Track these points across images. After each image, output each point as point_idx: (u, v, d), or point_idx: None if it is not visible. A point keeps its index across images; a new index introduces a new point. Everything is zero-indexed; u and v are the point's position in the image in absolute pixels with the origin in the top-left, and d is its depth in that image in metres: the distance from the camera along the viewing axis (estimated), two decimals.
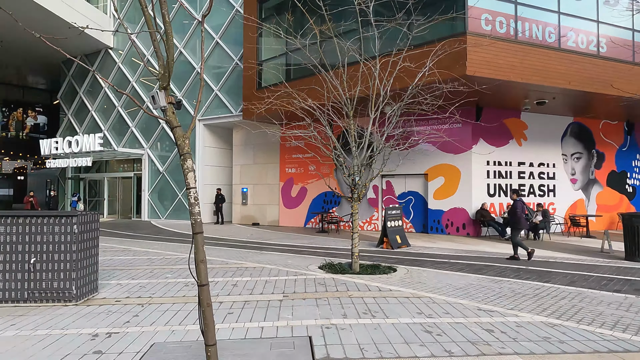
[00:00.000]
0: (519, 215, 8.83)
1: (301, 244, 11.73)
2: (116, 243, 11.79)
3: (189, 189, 3.31)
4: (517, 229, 8.95)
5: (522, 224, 9.01)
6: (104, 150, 19.57)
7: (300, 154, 17.03)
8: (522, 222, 9.03)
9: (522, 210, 8.86)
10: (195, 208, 3.28)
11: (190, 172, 3.29)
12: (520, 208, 8.81)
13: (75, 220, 5.34)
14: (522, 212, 8.89)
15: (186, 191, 3.34)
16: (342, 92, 7.83)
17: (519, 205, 8.85)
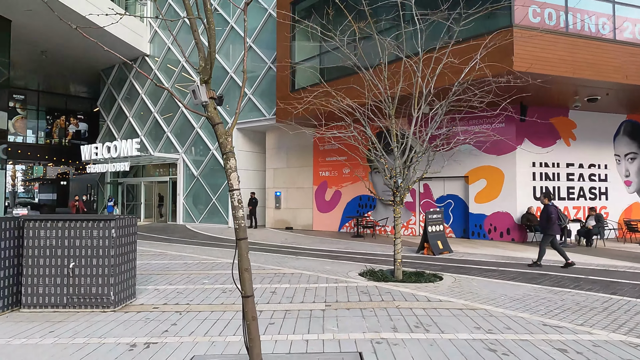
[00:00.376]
0: (553, 221, 8.32)
1: (337, 249, 11.38)
2: (152, 247, 11.82)
3: (232, 190, 3.04)
4: (549, 235, 8.43)
5: (554, 229, 8.46)
6: (141, 155, 19.95)
7: (334, 156, 16.72)
8: (555, 227, 8.48)
9: (556, 215, 8.41)
10: (239, 212, 3.00)
11: (233, 172, 3.03)
12: (554, 213, 8.36)
13: (113, 225, 5.22)
14: (556, 217, 8.44)
15: (229, 193, 3.07)
16: (383, 91, 7.45)
17: (553, 210, 8.38)
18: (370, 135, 7.74)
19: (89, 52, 22.78)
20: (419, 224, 14.79)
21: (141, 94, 23.11)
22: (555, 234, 8.51)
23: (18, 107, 31.05)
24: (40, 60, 24.40)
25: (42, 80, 29.96)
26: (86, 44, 21.72)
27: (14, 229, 5.23)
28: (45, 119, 32.92)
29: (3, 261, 5.09)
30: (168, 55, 21.98)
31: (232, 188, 3.03)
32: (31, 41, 20.88)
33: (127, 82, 24.11)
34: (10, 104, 30.41)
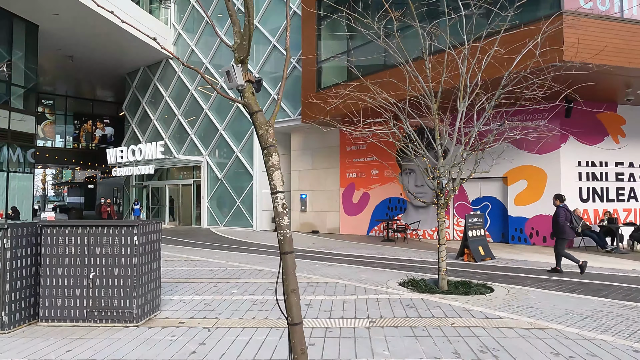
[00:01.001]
0: (562, 224, 7.85)
1: (369, 255, 10.76)
2: (177, 251, 11.46)
3: (275, 193, 2.49)
4: (563, 239, 7.93)
5: (566, 234, 7.95)
6: (165, 158, 19.80)
7: (362, 157, 16.10)
8: (567, 231, 7.95)
9: (564, 217, 7.89)
10: (284, 219, 2.45)
11: (276, 170, 2.48)
12: (562, 215, 7.88)
13: (135, 231, 4.76)
14: (565, 220, 7.91)
15: (272, 196, 2.52)
16: (425, 85, 6.81)
17: (561, 212, 7.90)
18: (411, 131, 7.08)
19: (114, 56, 22.88)
20: (453, 227, 14.01)
21: (165, 96, 23.04)
22: (568, 237, 7.97)
23: (47, 112, 31.63)
24: (67, 65, 24.68)
25: (69, 86, 30.43)
26: (111, 48, 21.79)
27: (31, 235, 4.84)
28: (73, 123, 33.46)
29: (20, 270, 4.70)
30: (192, 58, 21.82)
31: (276, 190, 2.48)
32: (58, 46, 21.05)
33: (151, 85, 24.11)
34: (39, 109, 31.02)
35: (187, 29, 22.20)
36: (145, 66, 24.44)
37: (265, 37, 18.53)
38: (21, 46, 18.16)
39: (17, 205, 17.38)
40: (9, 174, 17.27)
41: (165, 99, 23.09)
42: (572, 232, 8.05)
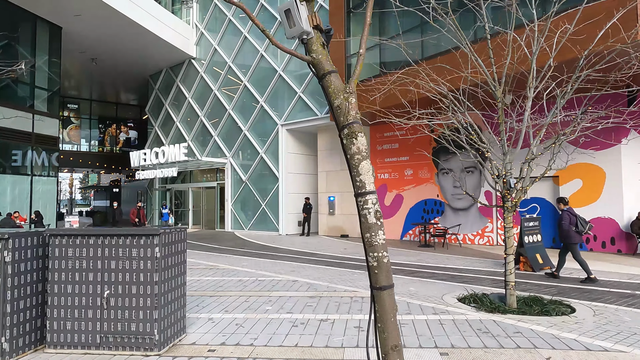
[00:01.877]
0: (566, 229, 7.50)
1: (409, 262, 9.81)
2: (202, 258, 10.77)
3: (363, 194, 1.71)
4: (572, 244, 7.52)
5: (572, 238, 7.53)
6: (188, 160, 19.29)
7: (394, 157, 15.15)
8: (572, 235, 7.52)
9: (568, 221, 7.52)
10: (377, 235, 1.69)
11: (363, 160, 1.68)
12: (567, 220, 7.52)
13: (157, 241, 4.00)
14: (570, 224, 7.52)
15: (358, 200, 1.68)
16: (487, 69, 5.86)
17: (565, 217, 7.56)
18: (470, 122, 6.13)
19: (137, 57, 22.60)
20: (497, 231, 12.90)
21: (188, 97, 22.61)
22: (575, 242, 7.54)
23: (72, 116, 31.79)
24: (91, 68, 24.58)
25: (94, 89, 30.48)
26: (134, 50, 21.49)
27: (37, 246, 4.14)
28: (97, 127, 33.57)
29: (24, 288, 4.00)
30: (214, 58, 21.31)
31: (365, 190, 1.72)
32: (82, 48, 20.87)
33: (174, 87, 23.74)
34: (64, 113, 31.19)
35: (209, 28, 21.71)
36: (168, 67, 24.11)
37: None
38: (45, 48, 17.96)
39: (41, 209, 17.12)
40: (32, 177, 17.03)
41: (188, 100, 22.66)
42: (578, 236, 7.57)
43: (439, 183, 13.97)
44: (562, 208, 7.74)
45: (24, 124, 16.65)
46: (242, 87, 19.67)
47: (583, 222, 7.55)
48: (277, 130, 18.09)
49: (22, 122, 16.59)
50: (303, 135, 18.69)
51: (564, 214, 7.60)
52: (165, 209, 21.04)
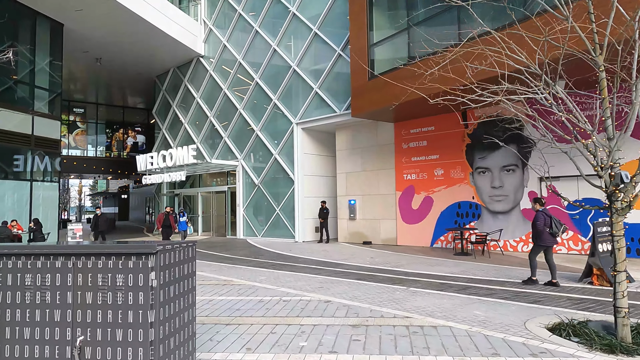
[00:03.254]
0: (540, 229, 7.27)
1: (452, 275, 8.45)
2: (214, 270, 9.50)
3: None
4: (538, 246, 7.38)
5: (544, 240, 7.29)
6: (197, 163, 18.11)
7: (422, 155, 13.79)
8: (544, 237, 7.28)
9: (542, 222, 7.27)
10: None
11: None
12: (540, 220, 7.29)
13: (153, 263, 2.72)
14: (545, 225, 7.26)
15: None
16: (587, 37, 4.51)
17: (540, 217, 7.33)
18: (566, 97, 4.79)
19: (143, 57, 21.58)
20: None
21: (196, 97, 21.50)
22: (546, 244, 7.31)
23: (78, 121, 30.93)
24: (95, 69, 23.64)
25: (100, 92, 29.60)
26: (140, 49, 20.46)
27: None
28: (104, 132, 32.68)
29: None
30: (224, 55, 20.19)
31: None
32: (85, 48, 19.88)
33: (181, 87, 22.66)
34: (70, 117, 30.33)
35: (218, 25, 20.61)
36: (175, 67, 23.06)
37: (304, 26, 16.60)
38: (45, 47, 16.97)
39: (41, 217, 16.03)
40: (32, 183, 15.97)
41: (196, 100, 21.54)
42: (551, 238, 7.31)
43: (475, 183, 12.58)
44: (537, 208, 7.51)
45: (22, 125, 15.61)
46: (253, 84, 18.49)
47: (558, 223, 7.27)
48: (292, 129, 16.85)
49: (21, 123, 15.55)
50: (320, 135, 17.43)
51: (539, 214, 7.37)
52: (183, 217, 17.25)
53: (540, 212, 7.43)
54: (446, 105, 13.18)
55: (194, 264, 3.35)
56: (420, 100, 12.14)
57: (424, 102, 12.28)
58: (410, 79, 11.92)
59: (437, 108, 13.05)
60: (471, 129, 12.70)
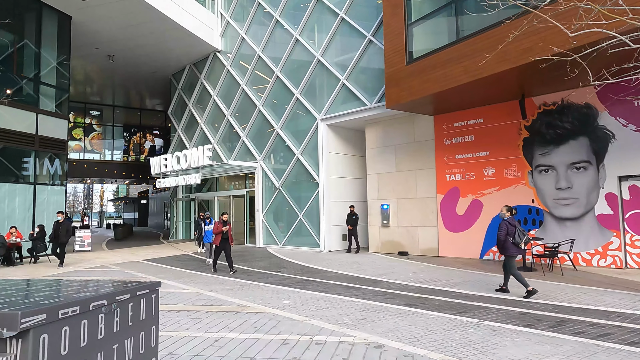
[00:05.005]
0: (502, 239, 7.02)
1: (528, 300, 6.55)
2: (227, 290, 7.86)
3: None
4: (509, 257, 7.05)
5: (508, 250, 7.05)
6: (214, 165, 16.62)
7: (469, 152, 11.89)
8: (508, 247, 7.04)
9: (505, 232, 7.01)
10: None
11: None
12: (504, 230, 7.04)
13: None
14: (507, 235, 7.00)
15: None
16: None
17: (503, 227, 7.08)
18: None
19: (158, 53, 20.34)
20: (625, 249, 9.39)
21: (213, 95, 20.10)
22: (511, 254, 7.08)
23: (94, 123, 30.09)
24: (110, 69, 22.61)
25: (116, 94, 28.67)
26: (153, 44, 19.21)
27: None
28: (122, 135, 31.77)
29: None
30: (241, 50, 18.74)
31: None
32: (96, 44, 18.76)
33: (198, 86, 21.33)
34: (86, 120, 29.51)
35: (235, 17, 19.20)
36: (191, 64, 21.77)
37: (329, 11, 14.96)
38: (52, 40, 15.83)
39: (46, 223, 14.78)
40: (36, 186, 14.75)
41: (213, 98, 20.15)
42: (515, 248, 7.08)
43: (535, 184, 10.60)
44: (505, 217, 7.24)
45: (25, 124, 14.43)
46: (273, 79, 16.93)
47: (522, 233, 7.06)
48: (316, 126, 15.18)
49: (24, 122, 14.38)
50: (347, 132, 15.70)
51: (502, 223, 7.17)
52: (210, 225, 12.73)
53: (504, 221, 7.17)
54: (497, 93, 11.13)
55: (156, 328, 1.65)
56: (470, 87, 10.37)
57: (473, 90, 10.49)
58: (458, 60, 10.12)
59: (487, 97, 11.22)
60: (529, 120, 10.75)
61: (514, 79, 9.60)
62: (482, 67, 9.16)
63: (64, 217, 12.36)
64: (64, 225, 12.07)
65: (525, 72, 9.05)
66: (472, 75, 9.43)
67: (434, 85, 10.24)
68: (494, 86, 10.05)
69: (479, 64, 9.19)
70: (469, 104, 11.59)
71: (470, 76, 9.48)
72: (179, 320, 5.60)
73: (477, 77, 9.30)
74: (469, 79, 9.48)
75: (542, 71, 9.15)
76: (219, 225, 10.12)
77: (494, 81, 9.57)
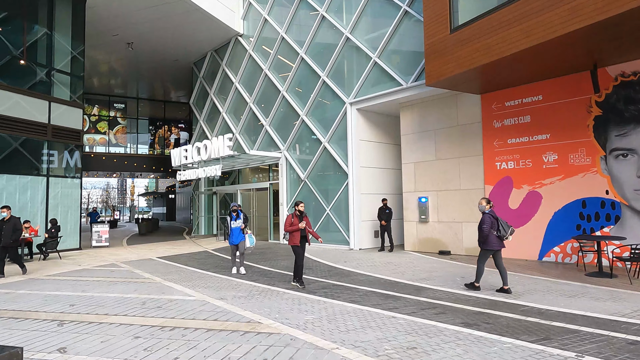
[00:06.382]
0: (486, 233, 6.69)
1: (628, 319, 4.94)
2: (240, 299, 6.58)
3: None
4: (486, 250, 6.80)
5: (490, 244, 6.72)
6: (235, 156, 15.44)
7: (524, 136, 10.15)
8: (490, 240, 6.72)
9: (489, 224, 6.69)
10: None
11: None
12: (487, 222, 6.70)
13: None
14: (491, 229, 6.71)
15: None
16: None
17: (486, 219, 6.72)
18: None
19: (177, 39, 19.35)
20: None
21: (235, 82, 18.94)
22: (492, 248, 6.74)
23: (119, 116, 29.66)
24: (131, 59, 21.88)
25: (140, 86, 28.08)
26: (173, 28, 18.20)
27: None
28: (147, 129, 31.27)
29: None
30: (264, 33, 17.46)
31: None
32: (113, 28, 17.92)
33: (219, 73, 20.24)
34: (111, 113, 29.10)
35: None
36: (212, 50, 20.70)
37: None
38: (65, 24, 14.99)
39: (60, 218, 14.04)
40: (49, 178, 13.99)
41: (234, 85, 19.00)
42: (498, 241, 6.73)
43: (610, 172, 8.79)
44: (485, 210, 6.91)
45: (37, 113, 13.66)
46: (298, 61, 15.56)
47: (505, 226, 6.74)
48: (345, 111, 13.71)
49: (35, 110, 13.61)
50: (379, 117, 14.18)
51: (485, 217, 6.79)
52: (238, 220, 9.24)
53: (486, 214, 6.87)
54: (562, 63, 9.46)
55: None
56: (530, 55, 8.63)
57: (533, 59, 8.75)
58: (517, 21, 8.42)
59: (549, 68, 9.39)
60: (602, 94, 8.93)
61: (585, 43, 7.85)
62: (548, 28, 7.50)
63: (10, 214, 9.33)
64: (9, 224, 9.10)
65: (603, 33, 7.31)
66: (534, 38, 7.76)
67: (486, 54, 8.59)
68: (559, 54, 8.31)
69: (544, 23, 7.54)
70: (525, 78, 9.84)
71: (533, 39, 7.81)
72: (170, 343, 4.33)
73: (541, 40, 7.62)
74: (531, 42, 7.80)
75: (624, 32, 7.42)
76: (294, 220, 7.51)
77: (560, 47, 7.87)
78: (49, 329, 5.00)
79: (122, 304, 6.22)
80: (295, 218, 7.57)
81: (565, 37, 7.35)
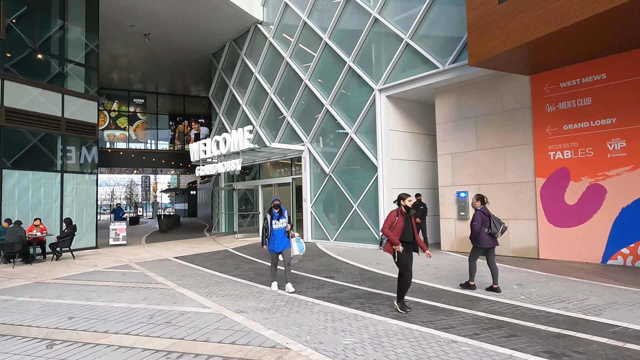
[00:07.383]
0: (478, 230, 6.55)
1: None
2: (262, 312, 5.64)
3: None
4: (476, 248, 6.66)
5: (481, 242, 6.56)
6: (255, 149, 14.55)
7: (583, 121, 8.86)
8: (482, 238, 6.56)
9: (480, 222, 6.54)
10: None
11: None
12: (479, 221, 6.56)
13: None
14: (483, 226, 6.53)
15: None
16: None
17: (477, 217, 6.61)
18: None
19: (195, 29, 18.57)
20: None
21: (255, 73, 18.05)
22: (483, 246, 6.56)
23: (138, 112, 29.26)
24: (149, 52, 21.26)
25: (160, 80, 27.56)
26: (191, 16, 17.41)
27: None
28: (168, 124, 30.81)
29: None
30: (284, 19, 16.48)
31: None
32: (129, 21, 17.26)
33: (239, 63, 19.38)
34: (130, 108, 28.73)
35: None
36: (231, 40, 19.85)
37: None
38: (79, 13, 14.37)
39: (75, 216, 13.46)
40: (63, 174, 13.41)
41: (254, 76, 18.11)
42: (490, 239, 6.55)
43: None
44: (477, 207, 6.73)
45: (50, 106, 13.07)
46: (321, 46, 14.52)
47: (497, 223, 6.57)
48: (373, 98, 12.62)
49: (48, 103, 13.02)
50: (410, 105, 13.02)
51: (477, 214, 6.66)
52: (282, 219, 7.21)
53: (478, 211, 6.67)
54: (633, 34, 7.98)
55: None
56: (596, 25, 7.34)
57: (599, 29, 7.43)
58: None
59: (616, 41, 8.00)
60: None
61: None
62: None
63: None
64: (397, 217, 6.30)
65: None
66: (604, 2, 6.51)
67: (545, 24, 7.36)
68: (632, 21, 7.02)
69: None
70: (585, 54, 8.54)
71: (602, 4, 6.56)
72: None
73: (615, 4, 6.36)
74: (601, 8, 6.56)
75: None
76: (398, 219, 5.43)
77: (634, 12, 6.59)
78: (34, 353, 4.16)
79: (127, 318, 5.36)
80: (400, 216, 5.45)
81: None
